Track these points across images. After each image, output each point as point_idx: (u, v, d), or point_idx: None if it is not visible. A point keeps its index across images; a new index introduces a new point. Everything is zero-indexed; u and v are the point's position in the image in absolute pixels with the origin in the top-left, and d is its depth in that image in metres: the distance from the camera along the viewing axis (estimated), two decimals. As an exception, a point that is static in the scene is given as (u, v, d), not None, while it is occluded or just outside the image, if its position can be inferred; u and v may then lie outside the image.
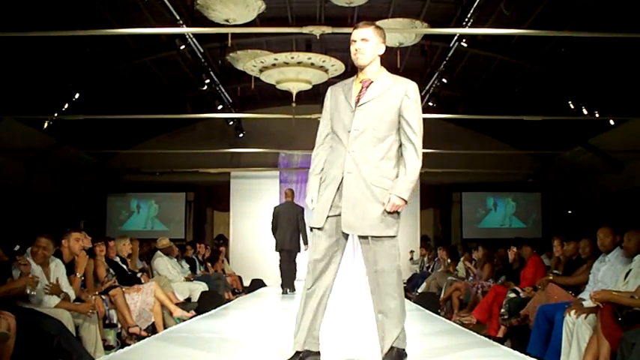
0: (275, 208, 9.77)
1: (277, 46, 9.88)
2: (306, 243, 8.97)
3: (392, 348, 3.24)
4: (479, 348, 4.17)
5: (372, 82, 3.31)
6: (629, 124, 9.74)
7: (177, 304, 6.71)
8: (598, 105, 9.69)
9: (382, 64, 3.36)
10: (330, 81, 7.58)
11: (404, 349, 3.29)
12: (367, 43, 3.27)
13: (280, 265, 9.55)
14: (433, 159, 13.11)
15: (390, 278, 3.22)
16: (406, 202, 3.19)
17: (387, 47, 3.37)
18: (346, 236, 3.30)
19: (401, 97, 3.25)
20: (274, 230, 9.45)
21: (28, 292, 4.41)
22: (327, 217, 3.25)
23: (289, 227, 9.26)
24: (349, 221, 3.21)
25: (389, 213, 3.19)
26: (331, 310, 3.43)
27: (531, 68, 10.09)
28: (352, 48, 3.30)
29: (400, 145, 3.28)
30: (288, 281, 9.41)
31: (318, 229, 3.28)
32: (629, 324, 3.90)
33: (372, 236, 3.19)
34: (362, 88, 3.31)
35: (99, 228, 12.51)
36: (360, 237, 3.25)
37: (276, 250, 9.53)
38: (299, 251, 9.37)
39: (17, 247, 4.93)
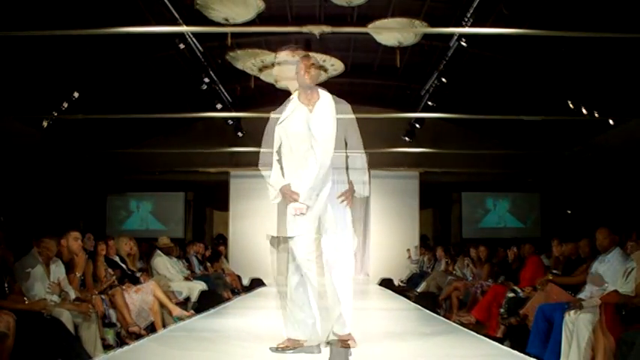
0: None
1: (277, 45, 9.85)
2: None
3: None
4: (478, 347, 4.16)
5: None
6: (629, 124, 9.72)
7: (176, 304, 6.72)
8: (598, 105, 9.68)
9: (381, 62, 3.40)
10: (329, 80, 7.60)
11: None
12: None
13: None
14: (433, 159, 13.17)
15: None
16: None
17: (387, 47, 3.41)
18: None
19: None
20: None
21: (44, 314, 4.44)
22: None
23: None
24: None
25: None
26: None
27: (531, 68, 10.08)
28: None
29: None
30: None
31: None
32: (630, 322, 3.91)
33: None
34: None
35: (99, 228, 12.49)
36: None
37: None
38: None
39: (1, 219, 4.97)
